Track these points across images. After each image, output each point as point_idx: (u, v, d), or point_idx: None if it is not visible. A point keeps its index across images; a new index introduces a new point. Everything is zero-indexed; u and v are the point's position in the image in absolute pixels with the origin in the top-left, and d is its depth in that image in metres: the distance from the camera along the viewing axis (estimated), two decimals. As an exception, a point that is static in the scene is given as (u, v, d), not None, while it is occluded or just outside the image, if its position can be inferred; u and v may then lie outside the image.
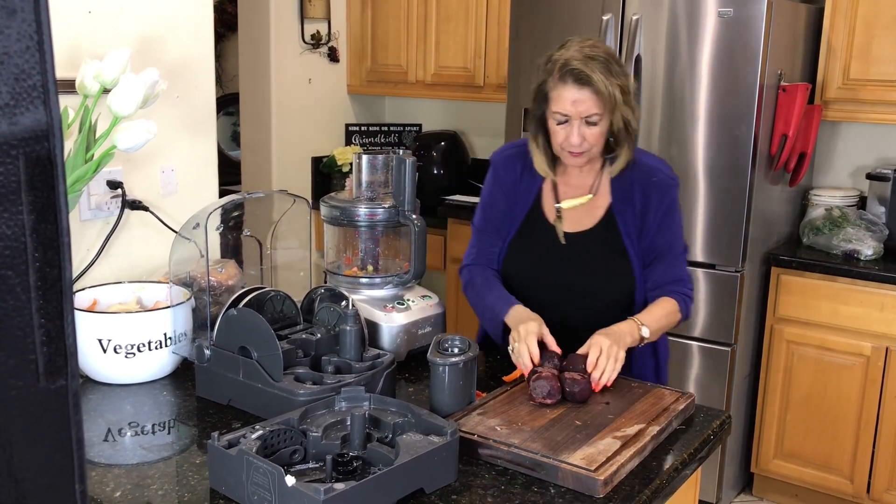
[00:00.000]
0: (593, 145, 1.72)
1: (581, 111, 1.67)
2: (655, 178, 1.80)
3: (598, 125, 1.69)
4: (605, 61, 1.66)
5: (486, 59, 3.81)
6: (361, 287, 1.83)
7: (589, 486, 1.24)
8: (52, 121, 0.41)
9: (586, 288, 1.83)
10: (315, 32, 4.08)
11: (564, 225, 1.82)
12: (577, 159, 1.75)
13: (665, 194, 1.80)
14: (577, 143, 1.69)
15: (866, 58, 2.96)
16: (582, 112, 1.67)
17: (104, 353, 1.59)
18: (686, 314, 1.82)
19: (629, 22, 2.91)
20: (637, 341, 1.69)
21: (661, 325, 1.75)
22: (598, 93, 1.65)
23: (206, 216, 1.58)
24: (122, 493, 1.22)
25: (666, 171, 1.83)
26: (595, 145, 1.72)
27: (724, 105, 2.79)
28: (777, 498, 3.20)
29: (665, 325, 1.77)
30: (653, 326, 1.72)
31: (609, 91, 1.65)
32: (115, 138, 1.69)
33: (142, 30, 2.00)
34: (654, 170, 1.81)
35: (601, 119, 1.68)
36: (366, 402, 1.37)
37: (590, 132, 1.69)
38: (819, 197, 3.21)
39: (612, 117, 1.69)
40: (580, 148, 1.71)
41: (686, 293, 1.82)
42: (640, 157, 1.82)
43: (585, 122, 1.68)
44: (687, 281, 1.84)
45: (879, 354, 2.83)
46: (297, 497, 1.08)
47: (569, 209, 1.82)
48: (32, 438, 0.43)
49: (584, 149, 1.71)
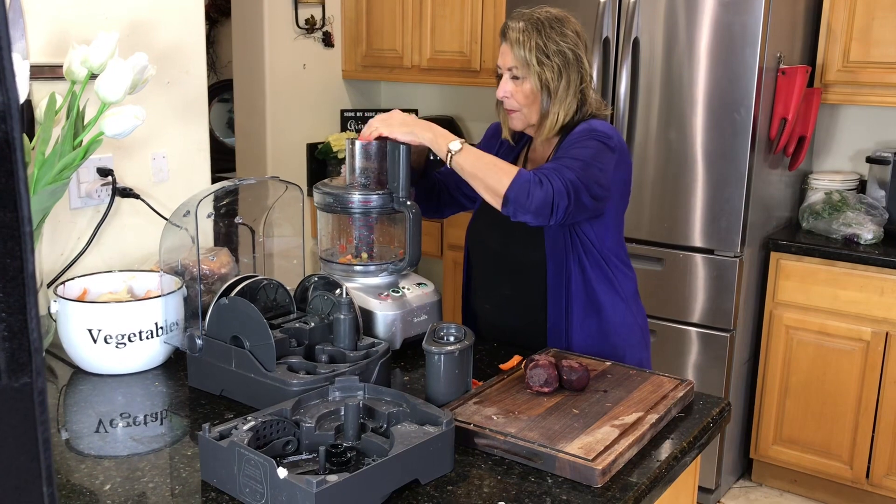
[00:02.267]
0: (522, 105, 1.78)
1: (504, 62, 1.77)
2: (584, 129, 1.73)
3: (520, 80, 1.76)
4: (539, 22, 1.74)
5: (482, 44, 3.77)
6: (356, 275, 1.80)
7: (587, 475, 1.22)
8: (9, 101, 0.38)
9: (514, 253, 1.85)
10: (309, 17, 4.04)
11: None
12: (512, 119, 1.82)
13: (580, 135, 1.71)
14: (500, 94, 1.78)
15: (866, 40, 2.93)
16: (505, 64, 1.77)
17: (94, 343, 1.57)
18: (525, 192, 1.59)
19: (627, 5, 2.87)
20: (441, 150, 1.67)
21: (479, 162, 1.64)
22: (514, 47, 1.74)
23: (197, 203, 1.55)
24: (112, 485, 1.20)
25: (599, 127, 1.72)
26: (524, 106, 1.78)
27: (722, 88, 2.76)
28: (776, 483, 3.19)
29: (483, 166, 1.63)
30: (469, 152, 1.65)
31: (520, 50, 1.73)
32: (102, 124, 1.66)
33: (131, 14, 1.97)
34: (589, 127, 1.73)
35: (522, 76, 1.75)
36: (360, 392, 1.35)
37: (514, 88, 1.77)
38: (819, 181, 3.19)
39: (530, 76, 1.74)
40: (508, 104, 1.79)
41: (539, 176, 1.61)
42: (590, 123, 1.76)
43: (511, 75, 1.77)
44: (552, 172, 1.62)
45: (879, 339, 2.81)
46: (290, 489, 1.06)
47: None
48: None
49: (511, 106, 1.79)
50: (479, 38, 3.77)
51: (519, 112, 1.80)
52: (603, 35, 2.92)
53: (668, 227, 2.93)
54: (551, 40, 1.73)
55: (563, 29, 1.75)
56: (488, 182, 1.64)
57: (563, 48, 1.74)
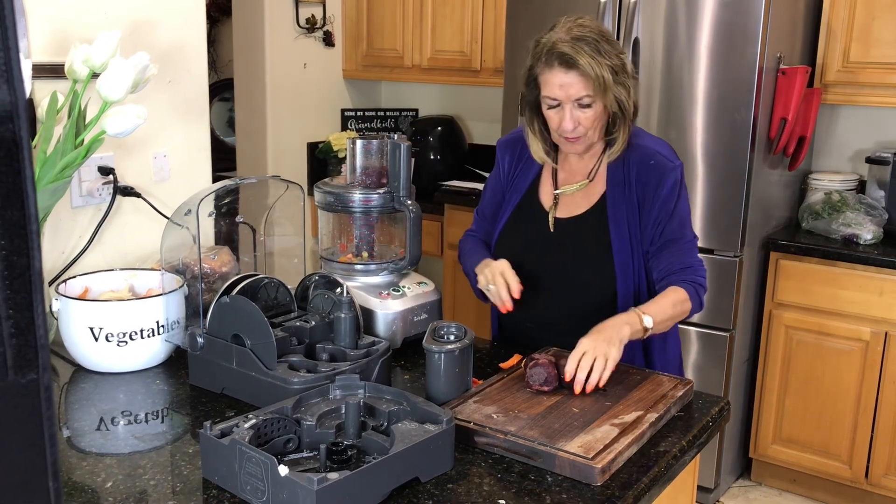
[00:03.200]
0: (588, 129, 1.66)
1: (571, 94, 1.62)
2: (653, 160, 1.71)
3: (590, 108, 1.63)
4: (593, 41, 1.60)
5: (482, 43, 3.77)
6: (356, 274, 1.81)
7: (586, 474, 1.22)
8: (16, 100, 0.39)
9: (565, 278, 1.76)
10: (310, 16, 4.04)
11: (559, 211, 1.78)
12: (574, 145, 1.70)
13: (663, 178, 1.70)
14: (569, 128, 1.65)
15: (866, 40, 2.93)
16: (572, 95, 1.62)
17: (96, 341, 1.57)
18: (699, 304, 1.70)
19: (627, 4, 2.88)
20: (640, 333, 1.57)
21: (667, 315, 1.63)
22: (586, 75, 1.59)
23: (198, 202, 1.56)
24: (113, 482, 1.20)
25: (665, 153, 1.73)
26: (591, 129, 1.67)
27: (722, 88, 2.76)
28: (775, 483, 3.20)
29: (673, 314, 1.65)
30: (657, 316, 1.60)
31: (597, 72, 1.59)
32: (104, 123, 1.66)
33: (132, 13, 1.97)
34: (653, 153, 1.72)
35: (593, 101, 1.63)
36: (360, 391, 1.36)
37: (583, 115, 1.64)
38: (818, 181, 3.19)
39: (604, 99, 1.63)
40: (574, 133, 1.66)
41: (698, 281, 1.70)
42: (640, 140, 1.74)
43: (577, 105, 1.63)
44: (698, 268, 1.72)
45: (878, 339, 2.82)
46: (291, 487, 1.06)
47: (565, 195, 1.78)
48: (1, 435, 0.41)
49: (578, 133, 1.67)
50: (479, 37, 3.78)
51: (584, 137, 1.68)
52: (603, 35, 2.92)
53: (668, 226, 2.93)
54: (612, 56, 1.62)
55: (609, 38, 1.65)
56: (674, 323, 1.71)
57: (623, 60, 1.64)
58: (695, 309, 1.71)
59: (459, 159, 4.04)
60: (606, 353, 1.48)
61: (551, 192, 1.80)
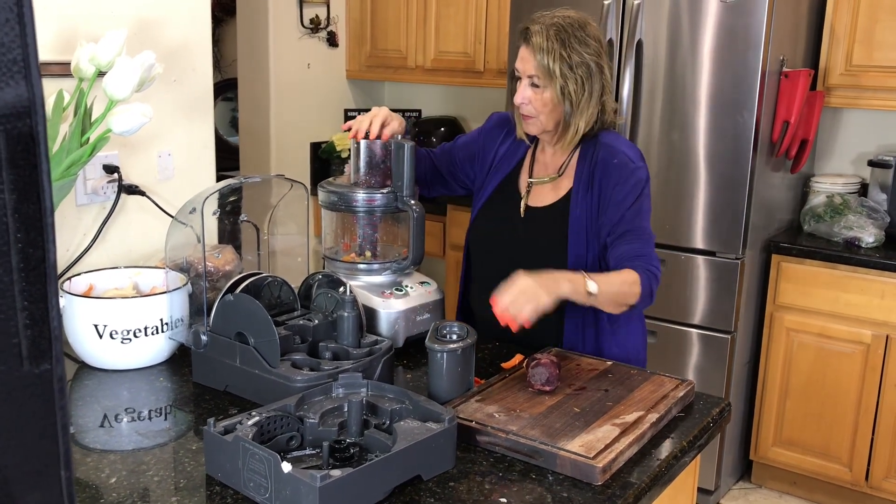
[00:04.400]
0: (539, 112, 1.74)
1: (526, 69, 1.72)
2: (616, 160, 1.75)
3: (539, 89, 1.71)
4: (564, 32, 1.69)
5: (486, 45, 3.78)
6: (359, 273, 1.82)
7: (587, 473, 1.23)
8: (34, 96, 0.39)
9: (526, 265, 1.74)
10: (314, 17, 4.05)
11: (531, 200, 1.85)
12: (527, 124, 1.77)
13: (625, 177, 1.73)
14: (518, 100, 1.74)
15: (869, 43, 2.94)
16: (526, 70, 1.72)
17: (100, 338, 1.58)
18: (649, 293, 1.69)
19: (631, 7, 2.88)
20: (582, 296, 1.59)
21: (614, 289, 1.64)
22: (534, 55, 1.69)
23: (203, 201, 1.57)
24: (117, 479, 1.21)
25: (631, 154, 1.76)
26: (542, 113, 1.74)
27: (725, 91, 2.77)
28: (776, 485, 3.20)
29: (619, 291, 1.65)
30: (603, 286, 1.61)
31: (544, 59, 1.68)
32: (110, 122, 1.67)
33: (138, 12, 1.98)
34: (618, 152, 1.75)
35: (542, 84, 1.70)
36: (363, 389, 1.36)
37: (533, 95, 1.72)
38: (820, 184, 3.20)
39: (551, 86, 1.70)
40: (524, 110, 1.75)
41: (651, 270, 1.70)
42: (609, 141, 1.78)
43: (531, 82, 1.72)
44: (653, 259, 1.72)
45: (880, 342, 2.82)
46: (294, 483, 1.07)
47: (537, 185, 1.85)
48: (16, 424, 0.42)
49: (528, 112, 1.74)
50: (483, 38, 3.79)
51: (536, 118, 1.75)
52: (607, 37, 2.93)
53: (670, 228, 2.94)
54: (575, 51, 1.68)
55: (585, 37, 1.70)
56: (621, 302, 1.68)
57: (587, 59, 1.69)
58: (644, 297, 1.68)
59: (462, 160, 4.04)
60: (537, 297, 1.51)
61: (526, 180, 1.87)
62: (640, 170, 1.75)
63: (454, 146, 2.00)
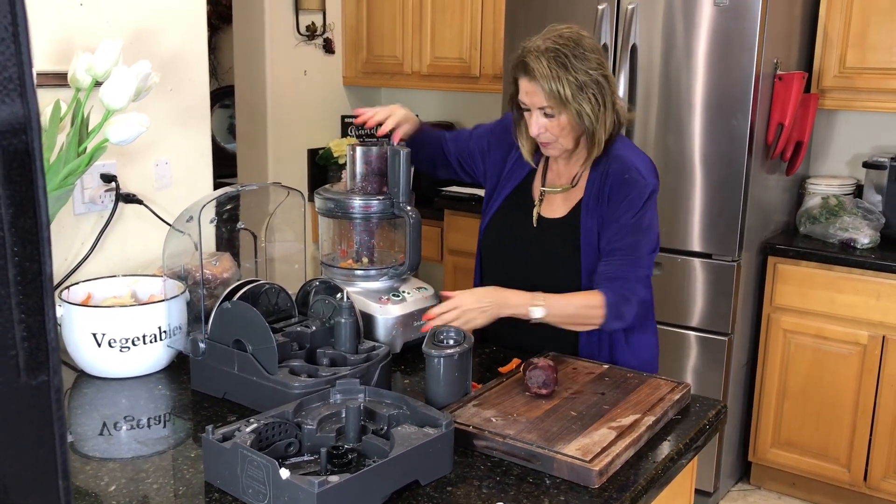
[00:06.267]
0: (557, 137, 1.71)
1: (535, 102, 1.68)
2: (628, 175, 1.73)
3: (555, 117, 1.68)
4: (563, 55, 1.64)
5: (481, 50, 3.80)
6: (356, 279, 1.83)
7: (584, 476, 1.24)
8: (29, 113, 0.40)
9: (538, 276, 1.80)
10: (310, 24, 4.06)
11: (543, 210, 1.84)
12: (547, 149, 1.76)
13: (632, 192, 1.72)
14: (535, 132, 1.71)
15: (862, 46, 2.95)
16: (535, 103, 1.68)
17: (99, 347, 1.59)
18: (616, 315, 1.70)
19: (625, 11, 2.90)
20: (525, 316, 1.67)
21: (567, 313, 1.69)
22: (543, 89, 1.65)
23: (200, 209, 1.57)
24: (116, 486, 1.22)
25: (642, 170, 1.75)
26: (560, 137, 1.71)
27: (720, 94, 2.78)
28: (774, 486, 3.21)
29: (573, 314, 1.69)
30: (553, 310, 1.66)
31: (553, 87, 1.63)
32: (107, 131, 1.68)
33: (134, 22, 1.99)
34: (630, 167, 1.74)
35: (555, 112, 1.67)
36: (361, 395, 1.37)
37: (548, 123, 1.69)
38: (816, 186, 3.21)
39: (566, 111, 1.66)
40: (542, 138, 1.72)
41: (625, 293, 1.70)
42: (622, 152, 1.76)
43: (543, 113, 1.69)
44: (633, 282, 1.72)
45: (876, 343, 2.83)
46: (292, 490, 1.08)
47: (550, 195, 1.84)
48: (14, 434, 0.43)
49: (546, 139, 1.72)
50: (478, 44, 3.80)
51: (555, 143, 1.72)
52: (601, 42, 2.94)
53: (667, 231, 2.95)
54: (579, 70, 1.64)
55: (584, 52, 1.66)
56: (580, 324, 1.72)
57: (593, 76, 1.66)
58: (609, 319, 1.70)
59: (459, 165, 4.06)
60: (473, 320, 1.63)
61: (539, 189, 1.86)
62: (648, 186, 1.74)
63: (472, 136, 1.98)
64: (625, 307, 1.71)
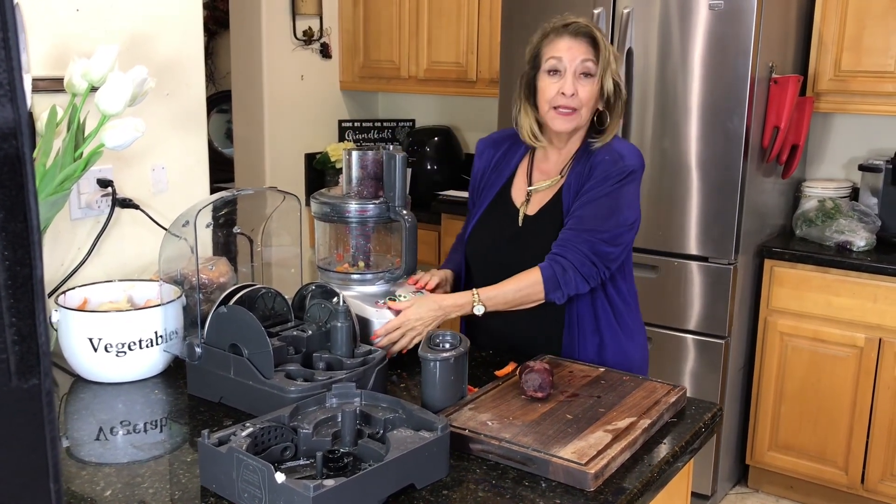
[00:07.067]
0: (583, 104, 1.71)
1: (575, 56, 1.70)
2: (609, 156, 1.74)
3: (590, 78, 1.70)
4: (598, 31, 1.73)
5: (478, 54, 3.80)
6: (353, 283, 1.83)
7: (580, 479, 1.24)
8: (19, 118, 0.41)
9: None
10: (307, 28, 4.07)
11: (530, 208, 1.84)
12: (565, 120, 1.73)
13: (611, 169, 1.72)
14: (569, 91, 1.69)
15: (857, 49, 2.96)
16: (576, 56, 1.70)
17: (95, 351, 1.59)
18: (556, 285, 1.69)
19: (620, 15, 2.90)
20: (469, 315, 1.74)
21: (507, 299, 1.72)
22: (595, 45, 1.70)
23: (196, 213, 1.58)
24: (112, 491, 1.22)
25: (625, 153, 1.75)
26: (585, 105, 1.71)
27: (715, 98, 2.79)
28: (772, 489, 3.21)
29: (514, 298, 1.72)
30: (492, 301, 1.72)
31: (606, 45, 1.70)
32: (103, 136, 1.68)
33: (130, 27, 1.99)
34: (613, 150, 1.75)
35: (595, 71, 1.70)
36: (357, 399, 1.37)
37: (581, 87, 1.70)
38: (812, 189, 3.22)
39: (603, 77, 1.70)
40: (570, 101, 1.70)
41: (561, 263, 1.69)
42: (610, 142, 1.78)
43: (580, 74, 1.70)
44: (570, 251, 1.69)
45: (873, 345, 2.84)
46: (287, 494, 1.08)
47: (537, 192, 1.85)
48: (5, 438, 0.43)
49: (574, 104, 1.70)
50: (475, 48, 3.81)
51: (577, 112, 1.72)
52: (597, 45, 2.95)
53: (663, 234, 2.95)
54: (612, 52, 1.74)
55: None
56: (525, 304, 1.74)
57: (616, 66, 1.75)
58: (550, 291, 1.70)
59: (456, 169, 4.07)
60: (420, 333, 1.69)
61: (524, 190, 1.86)
62: (628, 166, 1.73)
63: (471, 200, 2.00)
64: (562, 278, 1.70)
